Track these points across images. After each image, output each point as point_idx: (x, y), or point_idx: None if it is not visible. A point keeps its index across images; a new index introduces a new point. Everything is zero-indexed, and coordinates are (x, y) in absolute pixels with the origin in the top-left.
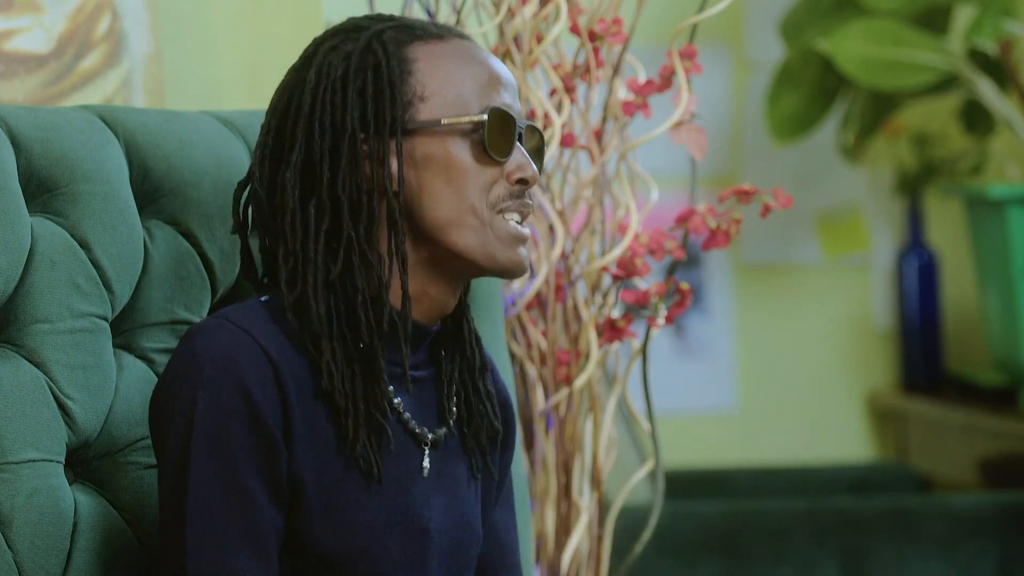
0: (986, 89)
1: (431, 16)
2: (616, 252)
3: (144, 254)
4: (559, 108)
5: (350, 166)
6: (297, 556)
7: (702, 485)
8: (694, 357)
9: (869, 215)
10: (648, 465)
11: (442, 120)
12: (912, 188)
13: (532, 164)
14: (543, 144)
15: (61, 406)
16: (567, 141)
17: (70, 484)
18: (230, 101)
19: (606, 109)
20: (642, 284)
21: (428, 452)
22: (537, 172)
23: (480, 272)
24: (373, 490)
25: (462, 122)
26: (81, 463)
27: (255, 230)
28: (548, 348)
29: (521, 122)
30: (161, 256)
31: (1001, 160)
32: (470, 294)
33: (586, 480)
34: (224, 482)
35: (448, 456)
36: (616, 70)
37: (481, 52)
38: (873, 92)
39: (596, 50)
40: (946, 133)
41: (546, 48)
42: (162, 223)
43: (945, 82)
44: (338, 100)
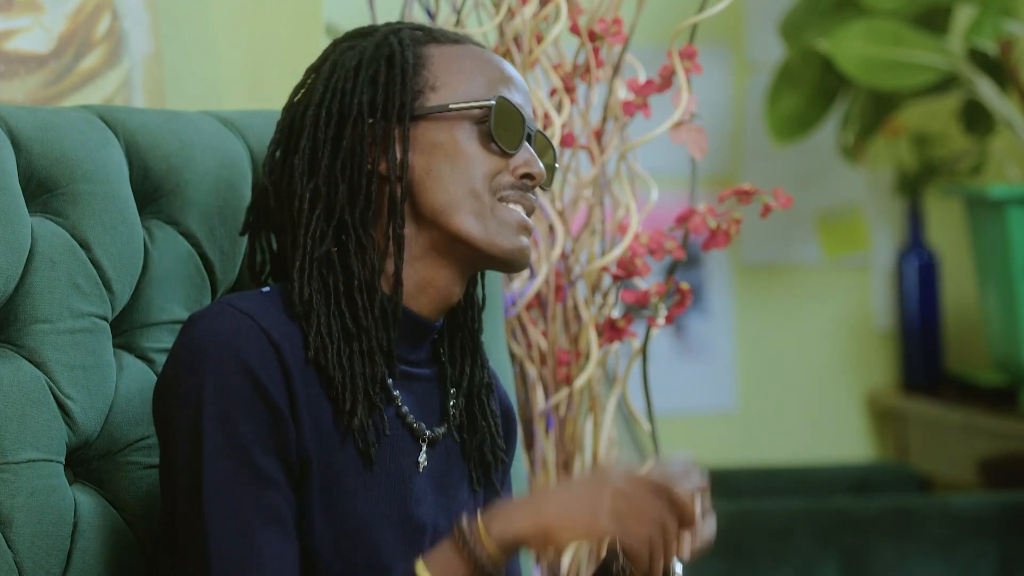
0: (986, 89)
1: (431, 17)
2: (616, 252)
3: (144, 254)
4: (559, 108)
5: (352, 150)
6: (300, 544)
7: None
8: (694, 357)
9: (869, 215)
10: (648, 465)
11: (450, 105)
12: (912, 188)
13: (539, 162)
14: (555, 161)
15: (61, 406)
16: (567, 141)
17: (70, 484)
18: (230, 101)
19: (606, 109)
20: (642, 284)
21: (425, 449)
22: (544, 172)
23: (481, 258)
24: (371, 480)
25: (470, 106)
26: (81, 463)
27: (263, 229)
28: (548, 348)
29: (532, 124)
30: (161, 256)
31: (1001, 160)
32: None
33: None
34: (237, 463)
35: (447, 457)
36: (616, 70)
37: (496, 57)
38: (873, 92)
39: (596, 50)
40: (946, 133)
41: (546, 48)
42: (162, 223)
43: (945, 82)
44: (348, 87)
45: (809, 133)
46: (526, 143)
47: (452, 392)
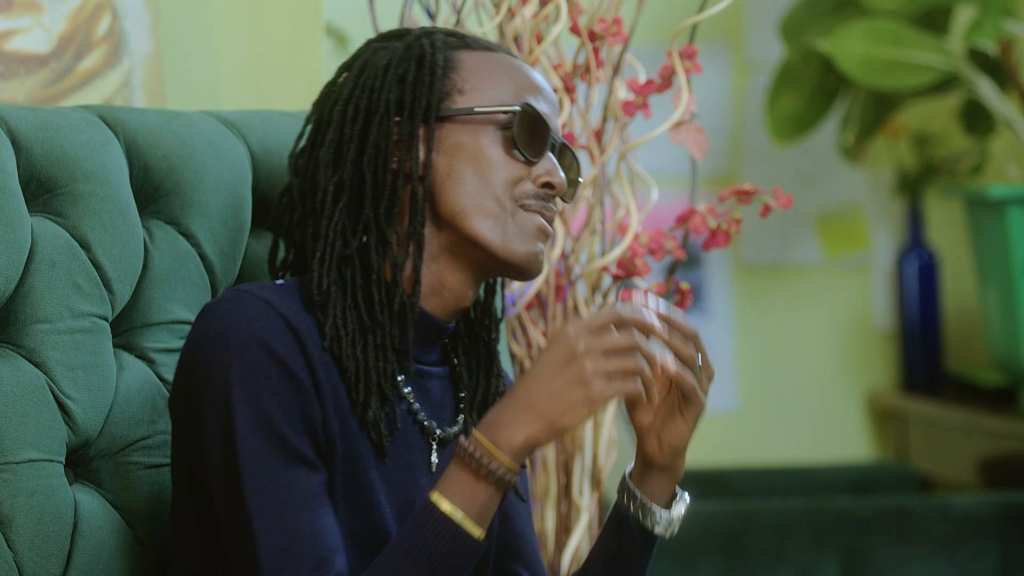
0: (986, 89)
1: (431, 17)
2: (616, 252)
3: (144, 254)
4: (559, 108)
5: (377, 146)
6: None
7: (702, 485)
8: None
9: (869, 215)
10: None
11: (475, 108)
12: (912, 188)
13: (561, 172)
14: (579, 176)
15: (61, 406)
16: (567, 141)
17: (70, 484)
18: (230, 101)
19: (606, 109)
20: (642, 284)
21: (436, 448)
22: (564, 183)
23: (496, 263)
24: (384, 473)
25: (495, 111)
26: (81, 463)
27: (287, 223)
28: None
29: (557, 136)
30: (161, 256)
31: (1001, 160)
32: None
33: (586, 480)
34: (272, 444)
35: None
36: (616, 70)
37: (527, 67)
38: (873, 92)
39: (596, 50)
40: (946, 133)
41: (546, 48)
42: (162, 223)
43: (945, 82)
44: (377, 84)
45: (809, 133)
46: (550, 153)
47: (463, 396)
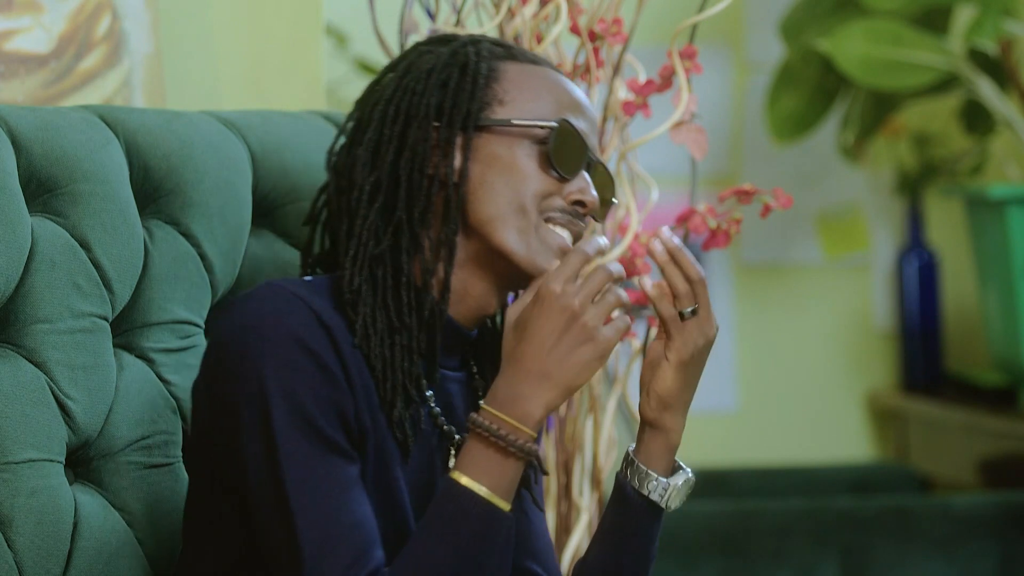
0: (986, 89)
1: (431, 17)
2: (616, 252)
3: (144, 254)
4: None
5: (414, 150)
6: None
7: (702, 485)
8: None
9: (869, 215)
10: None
11: (513, 120)
12: (912, 188)
13: (593, 191)
14: (612, 196)
15: (61, 406)
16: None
17: (70, 484)
18: (230, 101)
19: (606, 109)
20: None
21: (454, 453)
22: (596, 202)
23: (518, 275)
24: (407, 473)
25: (532, 125)
26: (81, 463)
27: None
28: None
29: (594, 154)
30: (161, 256)
31: (1001, 160)
32: None
33: (586, 480)
34: (310, 436)
35: None
36: (616, 70)
37: (570, 84)
38: (873, 92)
39: (596, 50)
40: (946, 133)
41: (546, 48)
42: (162, 223)
43: (945, 82)
44: (419, 88)
45: (809, 133)
46: (584, 171)
47: (481, 403)
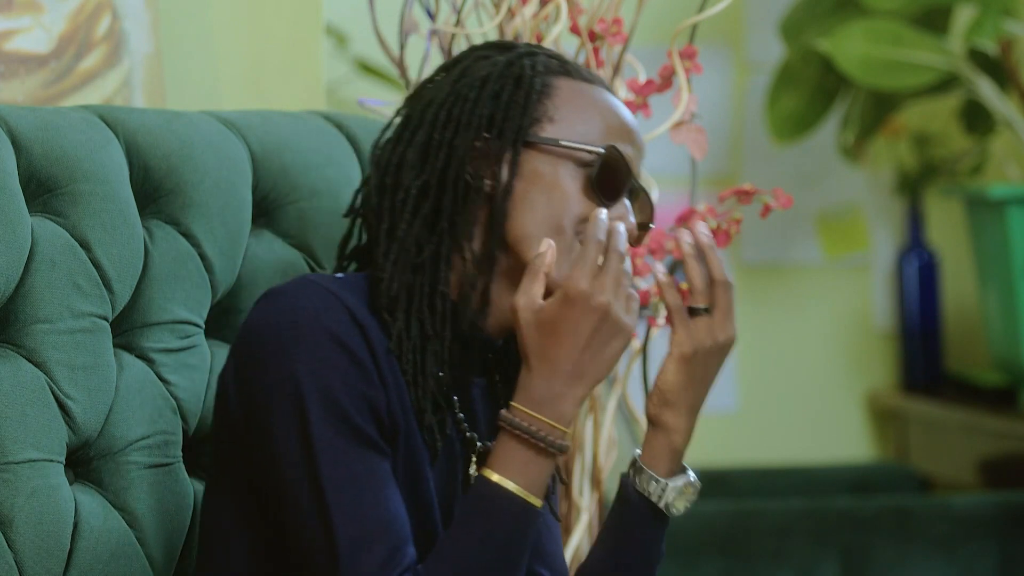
0: (986, 89)
1: (431, 17)
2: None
3: (144, 254)
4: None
5: (462, 159)
6: None
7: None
8: None
9: (869, 215)
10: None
11: (561, 141)
12: (912, 188)
13: (632, 218)
14: (651, 221)
15: (61, 406)
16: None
17: (70, 484)
18: (230, 101)
19: None
20: (642, 284)
21: (475, 460)
22: (635, 229)
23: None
24: (433, 477)
25: (579, 148)
26: (81, 463)
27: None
28: None
29: (637, 181)
30: (161, 256)
31: (1001, 160)
32: None
33: (586, 480)
34: (345, 432)
35: None
36: (616, 70)
37: (623, 107)
38: (873, 92)
39: (596, 50)
40: (946, 133)
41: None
42: (162, 223)
43: (945, 82)
44: (472, 96)
45: (809, 133)
46: (625, 198)
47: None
